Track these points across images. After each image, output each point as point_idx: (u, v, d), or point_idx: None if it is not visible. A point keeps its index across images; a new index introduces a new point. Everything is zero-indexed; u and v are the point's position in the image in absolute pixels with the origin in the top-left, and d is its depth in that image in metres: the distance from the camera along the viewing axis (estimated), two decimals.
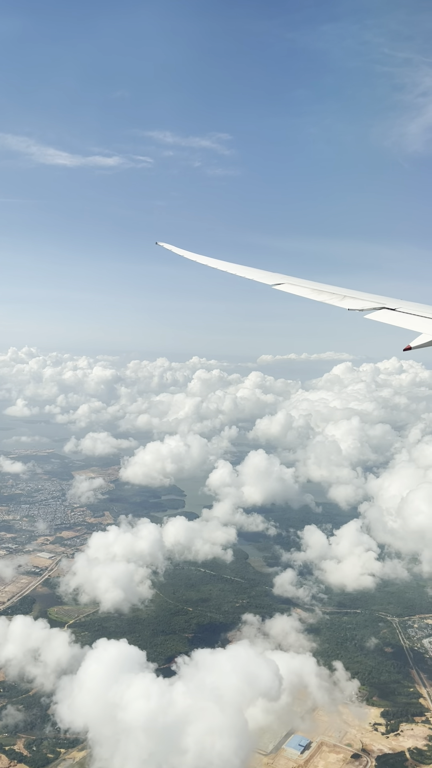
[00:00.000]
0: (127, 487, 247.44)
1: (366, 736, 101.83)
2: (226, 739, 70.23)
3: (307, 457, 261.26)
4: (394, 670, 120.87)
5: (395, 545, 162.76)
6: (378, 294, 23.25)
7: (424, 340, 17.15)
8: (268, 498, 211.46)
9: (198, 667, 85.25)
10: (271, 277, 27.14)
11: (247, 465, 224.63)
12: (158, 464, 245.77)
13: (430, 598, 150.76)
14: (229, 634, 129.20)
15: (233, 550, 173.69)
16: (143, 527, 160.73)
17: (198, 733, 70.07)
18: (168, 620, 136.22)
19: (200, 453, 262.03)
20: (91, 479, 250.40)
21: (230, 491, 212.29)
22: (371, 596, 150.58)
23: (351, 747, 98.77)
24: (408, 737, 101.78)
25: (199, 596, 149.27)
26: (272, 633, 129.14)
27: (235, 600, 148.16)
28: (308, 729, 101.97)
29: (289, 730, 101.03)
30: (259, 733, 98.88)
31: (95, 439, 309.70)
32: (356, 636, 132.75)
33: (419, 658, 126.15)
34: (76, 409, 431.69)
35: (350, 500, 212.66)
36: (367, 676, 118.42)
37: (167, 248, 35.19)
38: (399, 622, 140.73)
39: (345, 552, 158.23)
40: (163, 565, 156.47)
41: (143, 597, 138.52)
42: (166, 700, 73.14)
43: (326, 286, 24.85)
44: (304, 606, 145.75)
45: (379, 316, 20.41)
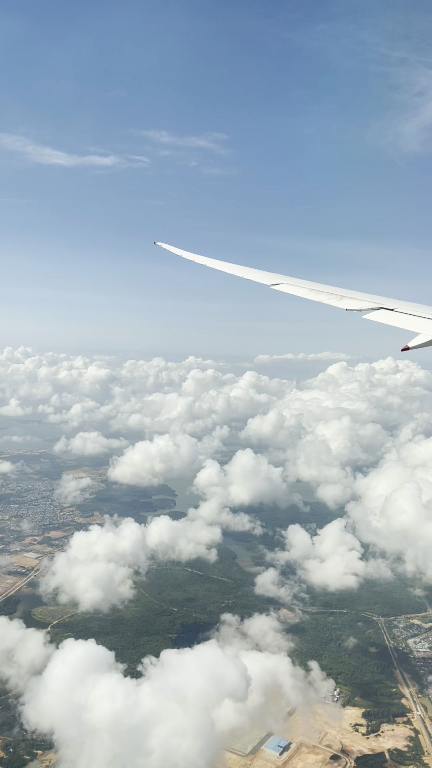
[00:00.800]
0: (118, 487, 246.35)
1: (346, 737, 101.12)
2: (191, 740, 69.34)
3: (297, 456, 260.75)
4: (378, 671, 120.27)
5: (380, 545, 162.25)
6: (376, 294, 23.25)
7: (422, 340, 17.16)
8: (256, 497, 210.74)
9: (166, 667, 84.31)
10: (269, 277, 27.15)
11: (235, 464, 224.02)
12: (147, 464, 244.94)
13: (417, 598, 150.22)
14: (213, 635, 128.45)
15: (220, 550, 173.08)
16: (125, 527, 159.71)
17: (163, 734, 69.20)
18: (152, 620, 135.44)
19: (189, 453, 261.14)
20: (81, 479, 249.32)
21: (218, 491, 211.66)
22: (357, 596, 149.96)
23: (330, 748, 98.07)
24: (388, 738, 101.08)
25: (185, 596, 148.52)
26: (256, 633, 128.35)
27: (220, 600, 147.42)
28: (288, 730, 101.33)
29: (269, 731, 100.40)
30: (238, 734, 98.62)
31: (85, 439, 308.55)
32: (341, 636, 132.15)
33: (403, 658, 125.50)
34: (69, 408, 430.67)
35: (338, 500, 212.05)
36: (350, 676, 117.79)
37: (166, 248, 35.18)
38: (384, 622, 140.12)
39: (328, 551, 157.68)
40: (146, 564, 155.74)
41: (124, 597, 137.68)
42: (132, 701, 72.24)
43: (324, 286, 24.86)
44: (290, 606, 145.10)
45: (378, 317, 20.41)
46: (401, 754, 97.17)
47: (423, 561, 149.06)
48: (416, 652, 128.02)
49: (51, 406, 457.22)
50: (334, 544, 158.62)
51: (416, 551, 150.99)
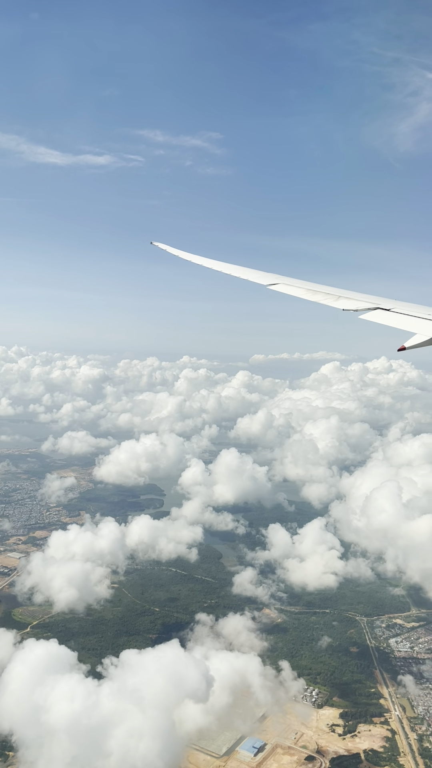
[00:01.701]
0: (106, 486, 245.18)
1: (322, 738, 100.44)
2: (150, 741, 68.47)
3: (284, 456, 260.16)
4: (358, 671, 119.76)
5: (361, 544, 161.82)
6: (373, 294, 23.31)
7: (418, 340, 17.23)
8: (241, 497, 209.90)
9: (128, 668, 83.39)
10: (265, 277, 27.13)
11: (219, 464, 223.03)
12: (133, 463, 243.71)
13: (400, 597, 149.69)
14: (191, 635, 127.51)
15: (204, 550, 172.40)
16: (104, 526, 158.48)
17: (122, 735, 68.30)
18: (133, 621, 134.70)
19: (176, 452, 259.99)
20: (69, 479, 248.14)
21: (202, 490, 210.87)
22: (340, 596, 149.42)
23: (306, 749, 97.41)
24: (365, 738, 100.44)
25: (168, 596, 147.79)
26: (236, 633, 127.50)
27: (203, 600, 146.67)
28: (263, 731, 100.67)
29: (244, 732, 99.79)
30: (213, 735, 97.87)
31: (73, 438, 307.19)
32: (322, 636, 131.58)
33: (384, 658, 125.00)
34: (60, 408, 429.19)
35: (323, 499, 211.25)
36: (329, 676, 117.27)
37: (162, 248, 35.09)
38: (367, 621, 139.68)
39: (308, 551, 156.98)
40: (124, 564, 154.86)
41: (100, 597, 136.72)
42: (92, 701, 71.31)
43: (321, 287, 24.88)
44: (272, 606, 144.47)
45: (374, 317, 20.43)
46: (377, 754, 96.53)
47: (403, 560, 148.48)
48: (397, 652, 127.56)
49: (42, 406, 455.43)
50: (314, 543, 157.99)
51: (396, 550, 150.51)
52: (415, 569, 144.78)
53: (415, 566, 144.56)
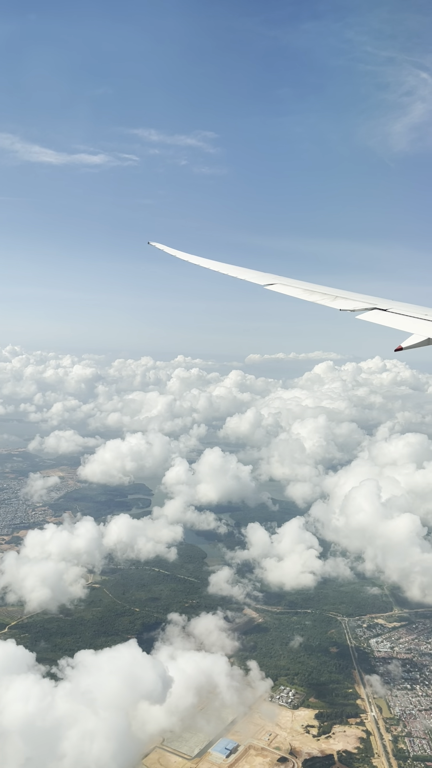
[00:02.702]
0: (94, 486, 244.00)
1: (296, 739, 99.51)
2: (105, 743, 67.46)
3: (271, 455, 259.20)
4: (336, 671, 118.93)
5: (342, 543, 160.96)
6: (370, 294, 23.31)
7: (415, 340, 17.25)
8: (224, 496, 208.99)
9: (85, 669, 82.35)
10: (262, 278, 27.14)
11: (203, 463, 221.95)
12: (118, 462, 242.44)
13: (383, 597, 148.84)
14: (170, 635, 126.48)
15: (187, 549, 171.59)
16: (81, 525, 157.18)
17: (76, 737, 67.25)
18: (112, 621, 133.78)
19: (162, 451, 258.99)
20: (56, 478, 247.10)
21: (185, 489, 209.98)
22: (323, 596, 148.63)
23: (279, 750, 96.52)
24: (339, 739, 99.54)
25: (149, 596, 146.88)
26: (215, 633, 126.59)
27: (184, 600, 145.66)
28: (237, 732, 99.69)
29: (218, 733, 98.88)
30: (185, 737, 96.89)
31: (60, 438, 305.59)
32: (302, 636, 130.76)
33: (363, 658, 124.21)
34: (51, 407, 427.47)
35: (307, 498, 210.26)
36: (307, 677, 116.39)
37: (159, 248, 35.06)
38: (348, 621, 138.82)
39: (286, 550, 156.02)
40: (101, 564, 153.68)
41: (74, 597, 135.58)
42: (47, 703, 70.25)
43: (318, 287, 24.89)
44: (253, 606, 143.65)
45: (371, 317, 20.42)
46: (350, 756, 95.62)
47: (382, 559, 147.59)
48: (377, 652, 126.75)
49: (33, 405, 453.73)
50: (292, 542, 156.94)
51: (375, 549, 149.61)
52: (393, 568, 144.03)
53: (393, 565, 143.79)
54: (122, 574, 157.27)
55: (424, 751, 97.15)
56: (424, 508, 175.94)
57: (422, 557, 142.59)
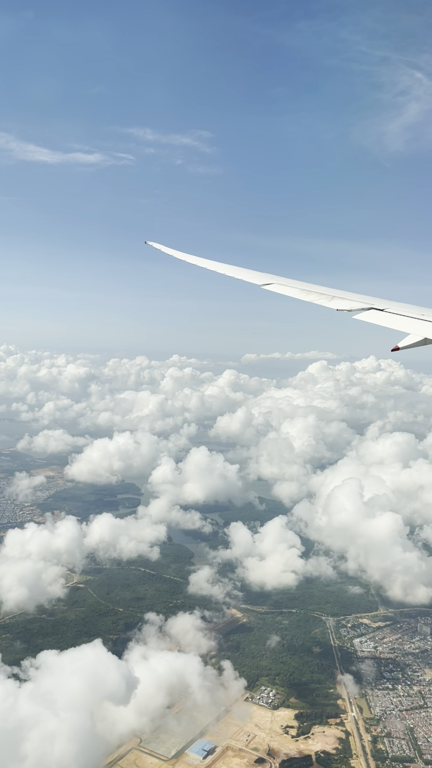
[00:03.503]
0: (83, 485, 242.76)
1: (275, 740, 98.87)
2: (66, 744, 66.69)
3: (260, 454, 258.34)
4: (318, 671, 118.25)
5: (325, 542, 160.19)
6: (367, 294, 23.33)
7: (412, 340, 17.29)
8: (211, 495, 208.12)
9: (48, 670, 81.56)
10: (260, 277, 27.12)
11: (189, 462, 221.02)
12: (105, 462, 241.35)
13: (368, 597, 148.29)
14: (150, 635, 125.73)
15: (173, 549, 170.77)
16: (62, 524, 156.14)
17: (38, 738, 66.46)
18: (95, 621, 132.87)
19: (150, 450, 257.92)
20: (45, 478, 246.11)
21: (171, 489, 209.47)
22: (309, 595, 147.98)
23: (257, 751, 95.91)
24: (318, 740, 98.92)
25: (134, 596, 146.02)
26: (195, 633, 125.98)
27: (169, 600, 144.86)
28: (216, 733, 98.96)
29: (196, 734, 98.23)
30: (163, 738, 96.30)
31: (48, 437, 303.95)
32: (286, 636, 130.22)
33: (347, 658, 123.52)
34: (43, 407, 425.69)
35: (294, 497, 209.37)
36: (289, 677, 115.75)
37: (157, 248, 35.01)
38: (333, 621, 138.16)
39: (268, 549, 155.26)
40: (81, 563, 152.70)
41: (52, 596, 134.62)
42: (9, 704, 69.45)
43: (315, 287, 24.87)
44: (237, 605, 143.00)
45: (368, 317, 20.40)
46: (329, 756, 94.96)
47: (365, 558, 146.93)
48: (360, 652, 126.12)
49: (26, 404, 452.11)
50: (274, 541, 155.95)
51: (357, 549, 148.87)
52: (375, 568, 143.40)
53: (375, 565, 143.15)
54: (107, 574, 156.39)
55: (403, 751, 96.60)
56: (410, 507, 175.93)
57: (404, 556, 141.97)
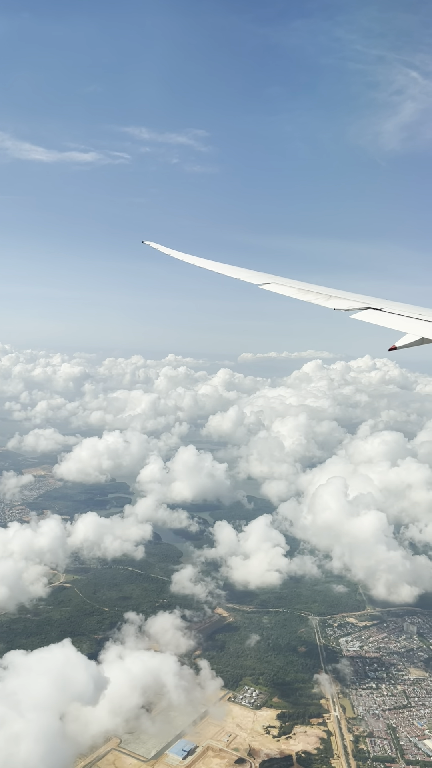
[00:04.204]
0: (75, 485, 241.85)
1: (256, 740, 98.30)
2: (33, 745, 65.99)
3: (250, 453, 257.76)
4: (302, 670, 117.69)
5: (311, 541, 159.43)
6: (364, 294, 23.33)
7: (409, 339, 17.31)
8: (199, 494, 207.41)
9: (14, 670, 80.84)
10: (257, 277, 27.13)
11: (177, 461, 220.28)
12: (94, 461, 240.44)
13: (356, 596, 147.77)
14: (138, 635, 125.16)
15: (160, 548, 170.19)
16: (45, 523, 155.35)
17: (3, 739, 65.73)
18: (80, 621, 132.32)
19: (140, 449, 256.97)
20: (33, 477, 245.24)
21: (158, 488, 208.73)
22: (296, 594, 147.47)
23: (238, 751, 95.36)
24: (300, 740, 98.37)
25: (120, 595, 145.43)
26: (182, 633, 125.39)
27: (155, 599, 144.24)
28: (197, 733, 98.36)
29: (177, 734, 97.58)
30: (143, 738, 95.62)
31: (39, 436, 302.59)
32: (272, 635, 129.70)
33: (332, 657, 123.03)
34: (36, 406, 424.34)
35: (282, 496, 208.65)
36: (273, 676, 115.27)
37: (154, 247, 35.03)
38: (320, 621, 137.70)
39: (253, 548, 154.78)
40: (64, 562, 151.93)
41: (34, 596, 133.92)
42: None
43: (312, 286, 24.93)
44: (225, 605, 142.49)
45: (365, 316, 20.43)
46: (310, 756, 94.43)
47: (349, 557, 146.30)
48: (346, 651, 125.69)
49: (19, 403, 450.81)
50: (259, 540, 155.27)
51: (342, 547, 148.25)
52: (360, 566, 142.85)
53: (359, 563, 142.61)
54: (95, 573, 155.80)
55: (384, 751, 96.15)
56: (398, 505, 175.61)
57: (388, 555, 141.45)
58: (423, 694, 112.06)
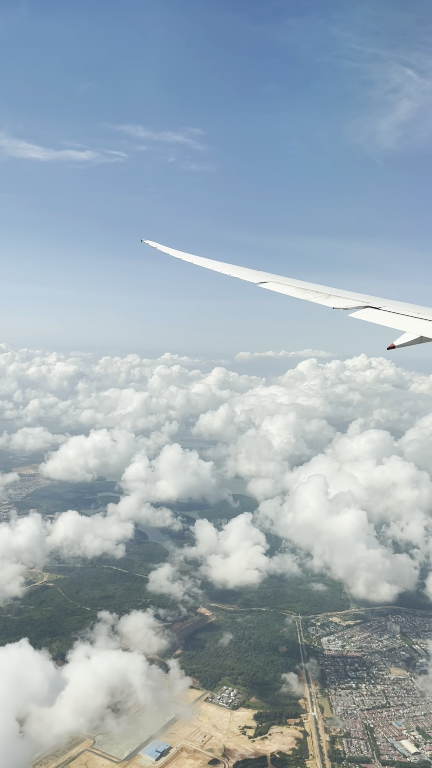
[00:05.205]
0: (64, 484, 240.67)
1: (231, 740, 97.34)
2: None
3: (238, 451, 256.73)
4: (282, 670, 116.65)
5: (293, 540, 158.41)
6: (362, 292, 23.34)
7: (407, 338, 17.31)
8: (185, 493, 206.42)
9: None
10: (256, 276, 27.05)
11: (162, 460, 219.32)
12: (81, 459, 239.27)
13: (340, 595, 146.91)
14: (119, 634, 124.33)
15: (146, 547, 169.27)
16: (23, 522, 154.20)
17: None
18: (61, 620, 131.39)
19: (128, 448, 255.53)
20: (18, 476, 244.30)
21: (143, 486, 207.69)
22: (281, 594, 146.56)
23: (212, 752, 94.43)
24: (275, 741, 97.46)
25: (103, 594, 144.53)
26: (159, 632, 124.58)
27: (138, 599, 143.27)
28: (172, 734, 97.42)
29: (152, 735, 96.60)
30: (117, 739, 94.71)
31: (27, 435, 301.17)
32: (253, 635, 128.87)
33: (313, 656, 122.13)
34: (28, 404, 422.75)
35: (268, 494, 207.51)
36: (252, 676, 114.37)
37: (152, 246, 35.00)
38: (303, 620, 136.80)
39: (233, 546, 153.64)
40: (43, 561, 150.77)
41: (8, 595, 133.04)
42: None
43: (311, 285, 24.93)
44: (208, 604, 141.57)
45: (364, 315, 20.42)
46: (284, 757, 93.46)
47: (330, 556, 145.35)
48: (327, 651, 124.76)
49: (11, 402, 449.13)
50: (239, 539, 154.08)
51: (323, 546, 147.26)
52: (339, 565, 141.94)
53: (339, 562, 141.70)
54: (78, 572, 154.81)
55: (360, 752, 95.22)
56: (383, 504, 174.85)
57: (367, 553, 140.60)
58: (403, 693, 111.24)
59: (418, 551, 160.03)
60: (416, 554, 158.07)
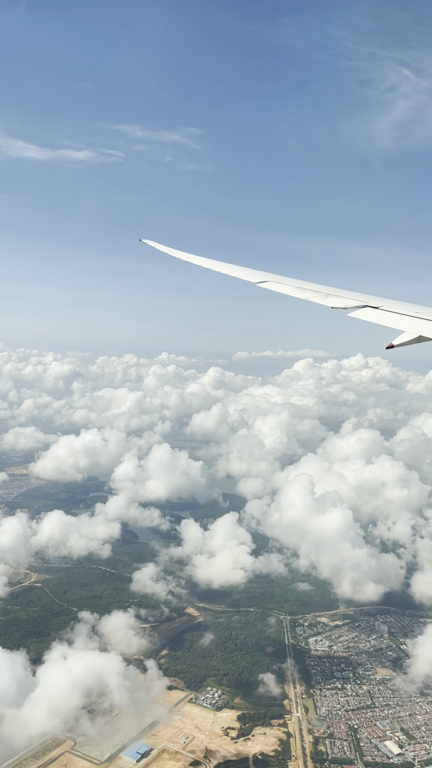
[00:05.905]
0: (54, 483, 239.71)
1: (214, 742, 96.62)
2: None
3: (230, 451, 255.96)
4: (268, 670, 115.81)
5: (280, 539, 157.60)
6: (361, 292, 23.35)
7: (406, 338, 17.33)
8: (174, 492, 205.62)
9: None
10: (255, 275, 27.03)
11: (151, 459, 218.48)
12: (71, 459, 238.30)
13: (330, 595, 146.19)
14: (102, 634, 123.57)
15: (131, 546, 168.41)
16: (7, 522, 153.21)
17: None
18: (47, 621, 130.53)
19: (119, 448, 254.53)
20: (17, 474, 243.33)
21: (132, 486, 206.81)
22: (269, 594, 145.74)
23: (194, 753, 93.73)
24: (258, 742, 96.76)
25: (91, 595, 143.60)
26: (146, 634, 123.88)
27: (126, 599, 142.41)
28: (154, 735, 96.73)
29: (134, 737, 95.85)
30: (98, 741, 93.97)
31: (19, 434, 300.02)
32: (241, 635, 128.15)
33: (299, 657, 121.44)
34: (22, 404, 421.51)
35: (258, 494, 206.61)
36: (237, 677, 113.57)
37: (151, 245, 34.94)
38: (291, 620, 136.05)
39: (218, 546, 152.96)
40: (27, 561, 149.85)
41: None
42: None
43: (310, 284, 24.90)
44: (196, 605, 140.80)
45: (362, 315, 20.42)
46: (267, 758, 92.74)
47: (316, 555, 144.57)
48: (314, 651, 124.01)
49: (6, 402, 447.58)
50: (224, 539, 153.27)
51: (309, 545, 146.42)
52: (325, 564, 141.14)
53: (325, 561, 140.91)
54: (66, 572, 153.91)
55: (343, 753, 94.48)
56: (372, 503, 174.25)
57: (353, 553, 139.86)
58: (388, 694, 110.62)
59: (404, 551, 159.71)
60: (403, 554, 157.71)
